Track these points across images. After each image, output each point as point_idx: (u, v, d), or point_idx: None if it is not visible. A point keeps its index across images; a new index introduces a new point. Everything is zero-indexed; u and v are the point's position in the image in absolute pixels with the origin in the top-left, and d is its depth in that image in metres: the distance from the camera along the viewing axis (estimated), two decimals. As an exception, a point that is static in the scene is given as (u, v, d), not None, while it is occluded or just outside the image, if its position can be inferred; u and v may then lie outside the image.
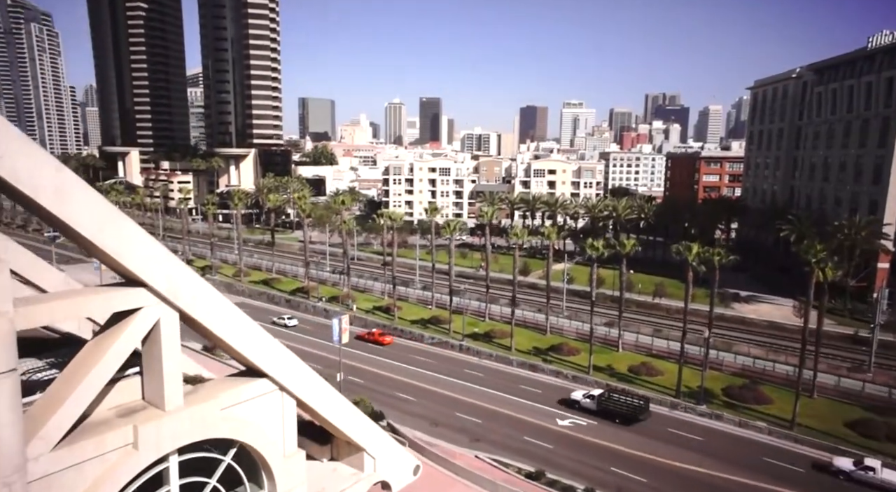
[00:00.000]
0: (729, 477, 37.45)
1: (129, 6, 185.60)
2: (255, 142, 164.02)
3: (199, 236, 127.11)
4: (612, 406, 44.72)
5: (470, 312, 72.37)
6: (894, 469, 35.56)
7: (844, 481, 35.51)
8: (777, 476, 37.27)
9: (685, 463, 39.17)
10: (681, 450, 40.83)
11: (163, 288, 13.73)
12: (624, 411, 44.28)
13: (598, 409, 45.26)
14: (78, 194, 11.97)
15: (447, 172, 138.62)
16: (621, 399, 44.70)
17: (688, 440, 42.50)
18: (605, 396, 45.53)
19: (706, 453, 40.43)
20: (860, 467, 35.27)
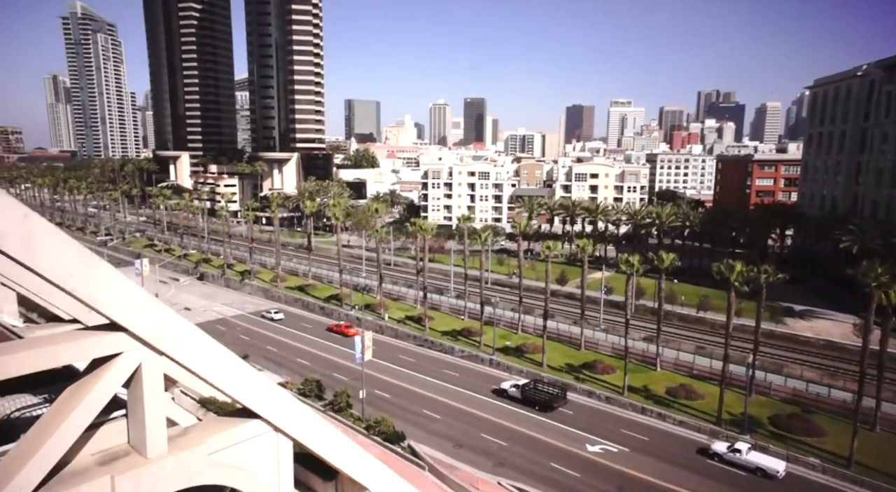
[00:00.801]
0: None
1: (182, 16, 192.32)
2: (297, 146, 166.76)
3: (242, 239, 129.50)
4: (533, 395, 49.35)
5: (503, 324, 70.56)
6: (760, 451, 40.67)
7: (718, 462, 40.51)
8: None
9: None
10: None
11: (144, 332, 13.15)
12: (543, 399, 48.87)
13: (523, 397, 49.68)
14: (47, 241, 11.42)
15: (486, 177, 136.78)
16: (541, 389, 49.70)
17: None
18: (530, 385, 50.49)
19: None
20: (730, 449, 40.33)
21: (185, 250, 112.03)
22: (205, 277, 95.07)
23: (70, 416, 12.11)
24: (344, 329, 70.10)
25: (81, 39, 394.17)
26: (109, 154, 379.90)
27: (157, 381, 13.94)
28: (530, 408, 48.16)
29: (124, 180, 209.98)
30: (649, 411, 48.61)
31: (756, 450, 40.42)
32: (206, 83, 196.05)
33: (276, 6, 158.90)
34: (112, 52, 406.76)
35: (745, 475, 39.14)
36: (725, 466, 40.09)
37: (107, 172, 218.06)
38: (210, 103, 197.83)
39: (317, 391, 47.66)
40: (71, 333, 14.60)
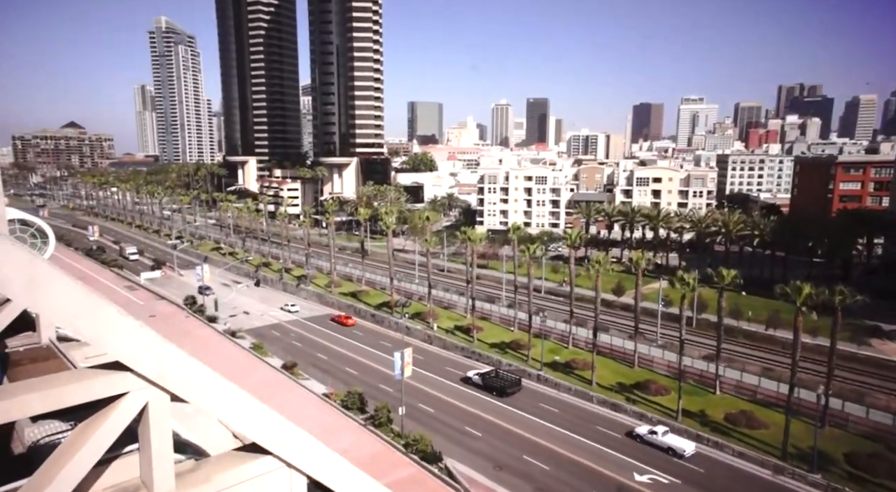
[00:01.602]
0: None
1: (252, 26, 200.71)
2: (357, 151, 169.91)
3: (302, 243, 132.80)
4: (492, 383, 55.26)
5: (554, 337, 68.50)
6: (675, 434, 45.33)
7: (639, 443, 45.13)
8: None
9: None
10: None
11: (150, 372, 13.10)
12: (500, 385, 54.88)
13: (483, 384, 55.39)
14: (51, 285, 11.52)
15: (543, 181, 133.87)
16: (500, 377, 56.61)
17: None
18: (493, 374, 57.12)
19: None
20: (650, 431, 45.22)
21: (247, 254, 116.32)
22: (261, 283, 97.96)
23: (79, 453, 12.10)
24: (343, 320, 76.81)
25: (165, 51, 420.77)
26: (187, 158, 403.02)
27: (164, 419, 13.80)
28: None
29: (197, 184, 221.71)
30: (705, 440, 45.46)
31: (671, 433, 45.24)
32: (273, 90, 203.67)
33: (338, 14, 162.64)
34: (191, 62, 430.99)
35: (660, 454, 43.79)
36: (645, 446, 45.03)
37: (182, 177, 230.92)
38: (276, 109, 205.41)
39: (359, 404, 47.74)
40: (80, 372, 14.78)
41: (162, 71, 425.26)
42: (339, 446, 42.60)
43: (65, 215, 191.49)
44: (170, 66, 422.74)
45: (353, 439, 43.12)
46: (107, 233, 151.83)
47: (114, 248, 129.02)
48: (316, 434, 38.69)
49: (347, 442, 42.59)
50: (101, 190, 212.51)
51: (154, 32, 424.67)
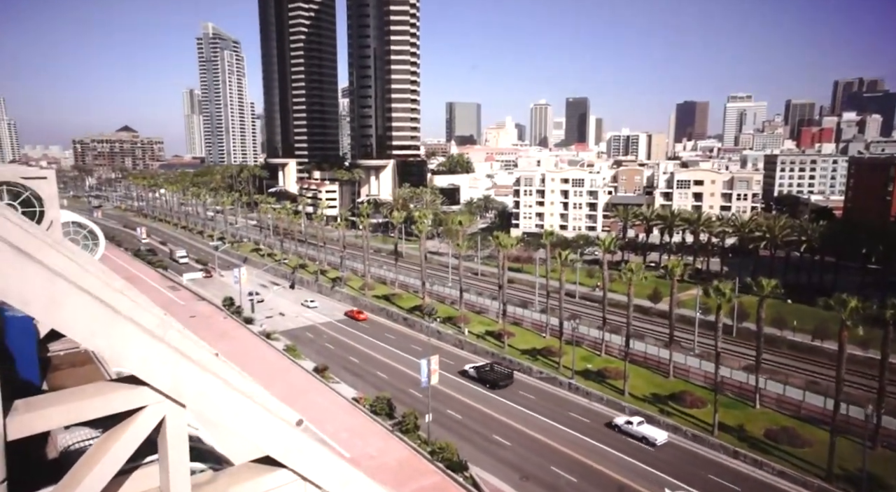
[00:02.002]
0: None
1: (293, 31, 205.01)
2: (393, 153, 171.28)
3: (338, 245, 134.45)
4: (486, 376, 58.05)
5: (586, 344, 67.28)
6: (651, 424, 47.99)
7: (617, 433, 47.79)
8: None
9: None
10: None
11: (166, 387, 13.64)
12: (493, 378, 57.50)
13: (478, 377, 57.84)
14: (70, 304, 12.11)
15: (580, 184, 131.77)
16: (494, 370, 59.00)
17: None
18: (487, 367, 59.49)
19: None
20: (625, 422, 48.01)
21: (285, 256, 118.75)
22: (297, 285, 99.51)
23: (100, 464, 12.64)
24: (356, 314, 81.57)
25: (211, 57, 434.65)
26: (231, 160, 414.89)
27: (180, 432, 14.29)
28: (616, 450, 45.84)
29: (240, 186, 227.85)
30: (742, 456, 43.78)
31: (645, 423, 47.88)
32: (313, 93, 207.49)
33: (375, 18, 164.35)
34: (236, 67, 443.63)
35: (635, 443, 46.52)
36: (622, 435, 47.72)
37: (226, 178, 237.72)
38: (315, 112, 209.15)
39: (387, 410, 47.97)
40: (101, 385, 15.44)
41: (208, 75, 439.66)
42: (367, 452, 43.02)
43: (117, 216, 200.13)
44: (216, 70, 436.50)
45: (381, 445, 43.44)
46: (154, 233, 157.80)
47: (164, 250, 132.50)
48: (344, 439, 39.44)
49: (374, 448, 42.95)
50: (151, 191, 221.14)
51: (201, 38, 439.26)
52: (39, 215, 63.28)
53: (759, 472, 42.34)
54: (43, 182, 63.29)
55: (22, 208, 59.90)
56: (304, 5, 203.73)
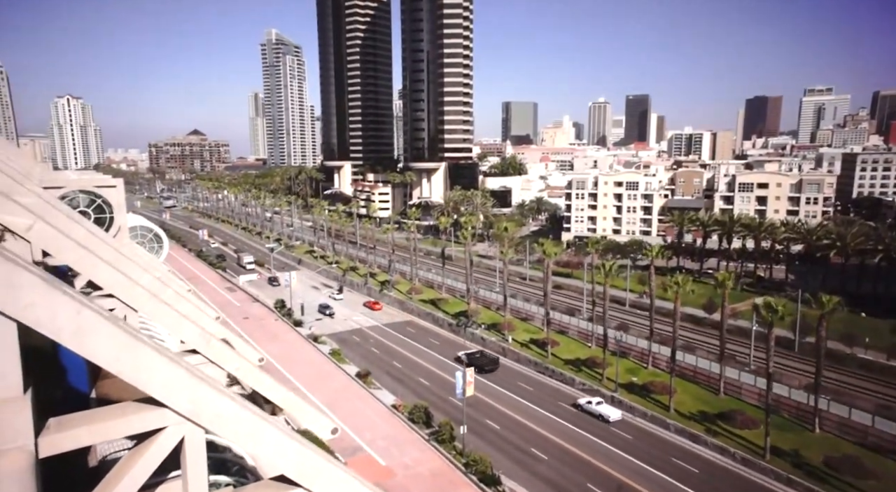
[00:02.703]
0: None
1: (350, 36, 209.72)
2: (445, 155, 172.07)
3: (390, 247, 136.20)
4: (475, 361, 62.42)
5: (633, 355, 65.39)
6: (609, 403, 53.99)
7: (579, 411, 53.63)
8: None
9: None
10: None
11: (184, 409, 14.57)
12: (482, 363, 63.25)
13: (469, 362, 60.65)
14: (96, 331, 13.18)
15: (635, 187, 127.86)
16: (483, 356, 65.75)
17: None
18: (477, 354, 65.99)
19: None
20: (586, 402, 54.14)
21: (337, 257, 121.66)
22: (346, 288, 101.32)
23: (123, 481, 13.63)
24: (372, 305, 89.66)
25: (274, 62, 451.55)
26: (292, 161, 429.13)
27: (199, 452, 15.15)
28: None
29: (298, 187, 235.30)
30: (797, 484, 41.31)
31: (604, 403, 53.90)
32: (368, 96, 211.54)
33: (429, 21, 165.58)
34: (297, 71, 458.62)
35: (593, 420, 52.22)
36: (583, 413, 53.47)
37: (285, 180, 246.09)
38: (370, 115, 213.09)
39: (424, 418, 48.35)
40: (124, 406, 16.50)
41: (271, 80, 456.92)
42: (402, 461, 43.55)
43: (184, 217, 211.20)
44: (278, 75, 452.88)
45: (416, 455, 43.86)
46: (216, 234, 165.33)
47: (231, 255, 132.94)
48: (381, 447, 40.16)
49: (410, 457, 43.41)
50: (215, 193, 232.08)
51: (265, 45, 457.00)
52: (109, 221, 67.21)
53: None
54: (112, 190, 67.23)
55: (95, 214, 63.91)
56: (360, 10, 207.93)
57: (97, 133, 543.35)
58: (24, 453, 11.78)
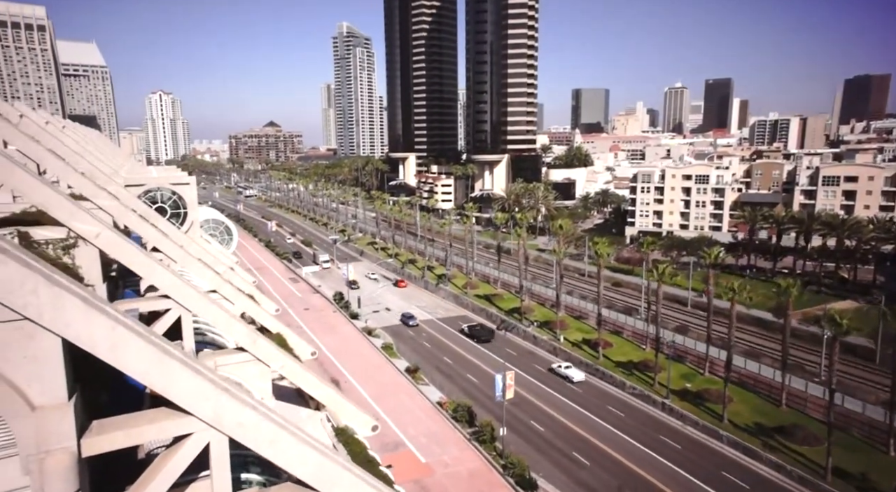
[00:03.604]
0: None
1: (416, 28, 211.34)
2: (508, 147, 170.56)
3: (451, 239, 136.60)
4: (475, 333, 73.78)
5: (690, 360, 62.97)
6: (577, 369, 62.34)
7: (551, 374, 61.96)
8: None
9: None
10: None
11: (208, 417, 16.29)
12: (480, 334, 73.30)
13: (469, 334, 73.72)
14: (129, 346, 14.98)
15: (705, 180, 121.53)
16: (482, 329, 75.23)
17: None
18: (477, 327, 75.43)
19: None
20: (558, 366, 62.70)
21: (397, 249, 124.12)
22: (398, 285, 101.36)
23: (154, 481, 15.35)
24: (399, 283, 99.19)
25: (345, 54, 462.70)
26: (361, 152, 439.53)
27: (223, 457, 16.76)
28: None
29: (365, 178, 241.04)
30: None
31: (571, 368, 62.17)
32: (432, 88, 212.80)
33: (493, 12, 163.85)
34: (367, 63, 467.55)
35: (561, 380, 60.29)
36: (554, 375, 61.86)
37: (353, 171, 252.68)
38: (435, 107, 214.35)
39: (467, 417, 49.00)
40: (157, 412, 18.22)
41: (342, 71, 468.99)
42: (442, 459, 44.53)
43: (257, 207, 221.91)
44: (348, 66, 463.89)
45: (456, 454, 44.67)
46: (286, 224, 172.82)
47: (308, 252, 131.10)
48: (423, 444, 41.47)
49: (450, 456, 44.29)
50: (286, 183, 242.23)
51: (336, 37, 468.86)
52: (184, 216, 71.56)
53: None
54: (186, 187, 71.29)
55: (171, 210, 68.30)
56: (426, 1, 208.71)
57: (185, 126, 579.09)
58: (67, 453, 13.44)
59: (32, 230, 29.19)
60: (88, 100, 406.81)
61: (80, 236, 29.98)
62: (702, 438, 48.93)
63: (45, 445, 15.76)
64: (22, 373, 15.38)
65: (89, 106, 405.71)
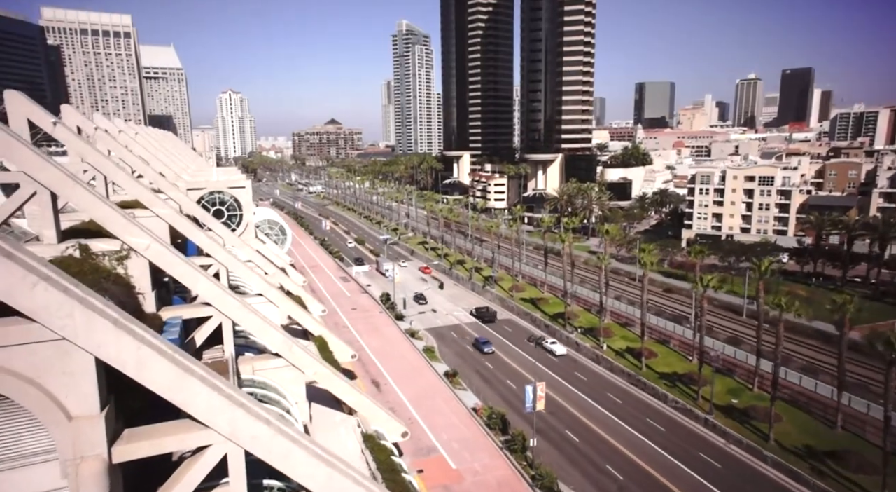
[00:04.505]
0: None
1: (471, 27, 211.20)
2: (562, 147, 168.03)
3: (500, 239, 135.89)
4: (482, 315, 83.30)
5: (739, 374, 60.60)
6: (560, 343, 71.74)
7: (537, 347, 66.15)
8: None
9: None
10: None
11: (225, 431, 18.17)
12: (486, 317, 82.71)
13: (477, 315, 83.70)
14: (153, 364, 16.97)
15: (769, 181, 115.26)
16: (487, 312, 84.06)
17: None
18: (483, 309, 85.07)
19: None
20: (543, 340, 71.40)
21: (447, 249, 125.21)
22: (456, 282, 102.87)
23: (175, 489, 17.17)
24: (425, 270, 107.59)
25: (404, 52, 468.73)
26: (418, 148, 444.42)
27: (239, 467, 18.48)
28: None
29: (419, 176, 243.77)
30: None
31: (556, 343, 71.20)
32: (488, 86, 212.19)
33: (548, 10, 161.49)
34: (425, 60, 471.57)
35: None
36: (541, 349, 68.36)
37: (408, 169, 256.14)
38: (490, 105, 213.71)
39: (500, 425, 49.37)
40: (179, 423, 19.93)
41: (401, 69, 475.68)
42: (472, 467, 45.35)
43: (315, 204, 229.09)
44: (407, 64, 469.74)
45: (487, 461, 45.25)
46: (341, 222, 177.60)
47: (371, 258, 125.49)
48: (455, 450, 42.80)
49: (480, 464, 44.93)
50: (344, 181, 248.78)
51: (396, 35, 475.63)
52: (239, 218, 75.04)
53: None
54: (242, 191, 74.62)
55: (228, 212, 71.89)
56: (482, 2, 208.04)
57: (252, 123, 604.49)
58: (99, 460, 15.39)
59: (92, 242, 32.02)
60: (166, 100, 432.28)
61: (132, 248, 32.63)
62: (744, 457, 47.16)
63: (80, 451, 17.91)
64: (60, 386, 17.40)
65: (166, 106, 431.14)
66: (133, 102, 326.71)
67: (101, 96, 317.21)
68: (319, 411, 39.65)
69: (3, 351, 16.60)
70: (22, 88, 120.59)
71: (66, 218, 31.05)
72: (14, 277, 15.76)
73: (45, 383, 16.59)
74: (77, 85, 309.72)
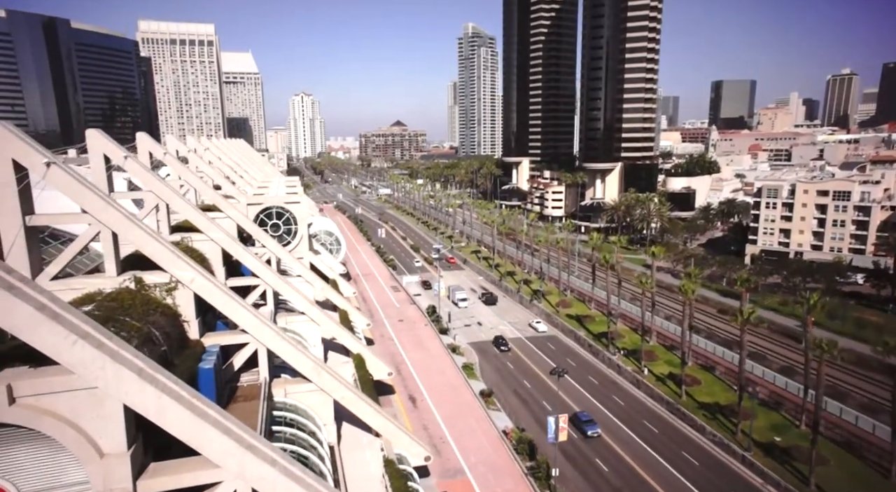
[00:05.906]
0: None
1: (533, 32, 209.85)
2: (622, 155, 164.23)
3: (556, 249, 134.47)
4: (483, 298, 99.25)
5: (787, 409, 58.05)
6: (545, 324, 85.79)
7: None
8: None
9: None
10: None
11: (234, 471, 21.34)
12: (488, 298, 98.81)
13: (480, 298, 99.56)
14: (172, 412, 20.12)
15: (845, 197, 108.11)
16: (488, 296, 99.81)
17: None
18: (486, 293, 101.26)
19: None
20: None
21: (500, 258, 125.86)
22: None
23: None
24: (450, 260, 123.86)
25: (469, 54, 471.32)
26: (481, 150, 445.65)
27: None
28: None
29: (479, 181, 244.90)
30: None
31: (542, 324, 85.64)
32: (549, 92, 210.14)
33: (610, 17, 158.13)
34: (490, 63, 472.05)
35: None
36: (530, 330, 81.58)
37: (469, 173, 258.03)
38: (550, 111, 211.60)
39: (528, 451, 50.06)
40: (196, 460, 22.69)
41: (465, 72, 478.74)
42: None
43: (376, 207, 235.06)
44: (472, 66, 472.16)
45: (510, 487, 46.29)
46: (399, 228, 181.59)
47: (425, 266, 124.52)
48: (480, 473, 45.18)
49: (503, 489, 46.07)
50: (405, 185, 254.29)
51: (462, 38, 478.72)
52: (294, 232, 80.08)
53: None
54: (297, 206, 79.40)
55: (284, 226, 77.01)
56: (545, 3, 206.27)
57: (322, 125, 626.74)
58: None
59: (146, 275, 36.01)
60: (243, 103, 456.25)
61: (179, 281, 36.30)
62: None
63: (110, 484, 21.26)
64: (94, 428, 20.62)
65: (243, 109, 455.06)
66: (213, 106, 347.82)
67: (185, 101, 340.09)
68: (349, 431, 42.17)
69: (50, 397, 20.02)
70: (118, 96, 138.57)
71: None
72: (59, 337, 18.93)
73: (82, 425, 19.73)
74: (165, 91, 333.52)
